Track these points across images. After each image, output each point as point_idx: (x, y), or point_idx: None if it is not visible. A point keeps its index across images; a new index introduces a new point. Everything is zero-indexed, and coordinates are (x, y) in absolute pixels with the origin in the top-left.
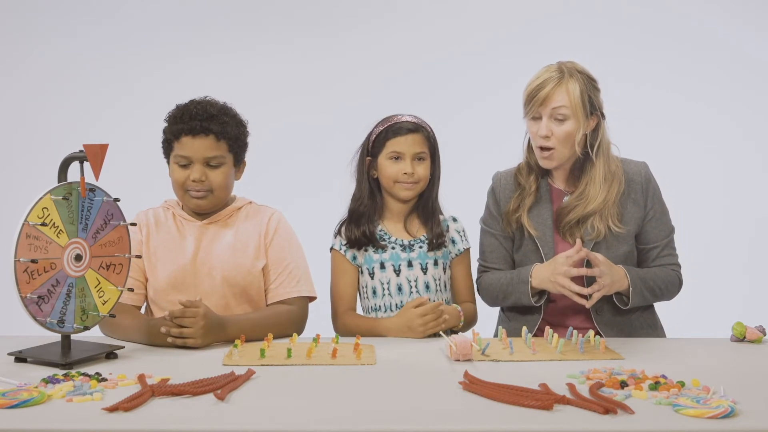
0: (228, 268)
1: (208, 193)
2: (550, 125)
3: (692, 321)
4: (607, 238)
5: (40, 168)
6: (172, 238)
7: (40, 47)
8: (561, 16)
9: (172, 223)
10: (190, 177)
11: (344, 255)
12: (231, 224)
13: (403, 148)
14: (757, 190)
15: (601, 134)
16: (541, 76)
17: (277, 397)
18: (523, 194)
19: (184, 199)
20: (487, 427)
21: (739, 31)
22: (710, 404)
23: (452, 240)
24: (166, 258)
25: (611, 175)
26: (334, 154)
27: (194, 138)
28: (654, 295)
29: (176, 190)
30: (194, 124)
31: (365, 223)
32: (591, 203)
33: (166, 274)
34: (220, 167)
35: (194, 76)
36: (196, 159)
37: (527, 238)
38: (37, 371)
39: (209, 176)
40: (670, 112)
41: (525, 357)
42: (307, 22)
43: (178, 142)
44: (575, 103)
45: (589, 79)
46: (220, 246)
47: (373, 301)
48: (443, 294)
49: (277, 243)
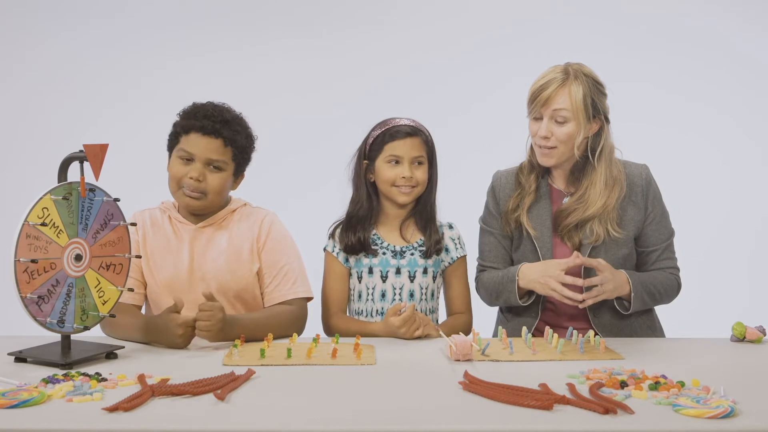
0: (222, 274)
1: (202, 195)
2: (550, 126)
3: (693, 321)
4: (606, 242)
5: (40, 168)
6: (169, 242)
7: (39, 47)
8: (559, 16)
9: (168, 225)
10: (189, 174)
11: (336, 257)
12: (225, 227)
13: (401, 152)
14: (758, 190)
15: (604, 139)
16: (546, 77)
17: (277, 397)
18: (522, 193)
19: (176, 195)
20: (487, 427)
21: (739, 31)
22: (710, 404)
23: (446, 248)
24: (163, 262)
25: (612, 179)
26: (330, 155)
27: (203, 137)
28: (653, 300)
29: (171, 185)
30: (206, 123)
31: (361, 230)
32: (591, 207)
33: (162, 277)
34: (220, 172)
35: (194, 75)
36: (198, 158)
37: (526, 238)
38: (37, 371)
39: (207, 178)
40: (670, 112)
41: (525, 357)
42: (306, 23)
43: (185, 137)
44: (577, 106)
45: (595, 83)
46: (215, 251)
47: (357, 305)
48: (428, 303)
49: (270, 245)
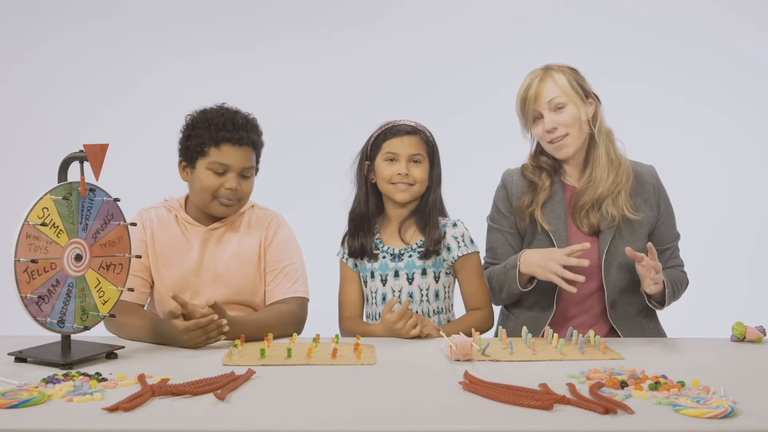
0: (232, 276)
1: (237, 202)
2: (552, 117)
3: (693, 321)
4: (624, 233)
5: (40, 168)
6: (178, 243)
7: (39, 47)
8: (559, 16)
9: (175, 225)
10: (225, 185)
11: (346, 263)
12: (235, 229)
13: (398, 149)
14: (758, 190)
15: (600, 119)
16: (526, 80)
17: (277, 397)
18: (536, 190)
19: (210, 206)
20: (487, 427)
21: (739, 31)
22: (710, 404)
23: (448, 247)
24: (172, 263)
25: (616, 159)
26: (330, 155)
27: (237, 148)
28: (674, 297)
29: (203, 196)
30: (241, 135)
31: (362, 236)
32: (600, 186)
33: (170, 278)
34: (251, 177)
35: (194, 76)
36: (234, 168)
37: (540, 233)
38: (37, 371)
39: (242, 186)
40: (670, 112)
41: (525, 357)
42: (305, 22)
43: (217, 149)
44: (566, 89)
45: (571, 70)
46: (225, 253)
47: (366, 309)
48: (431, 304)
49: (276, 245)
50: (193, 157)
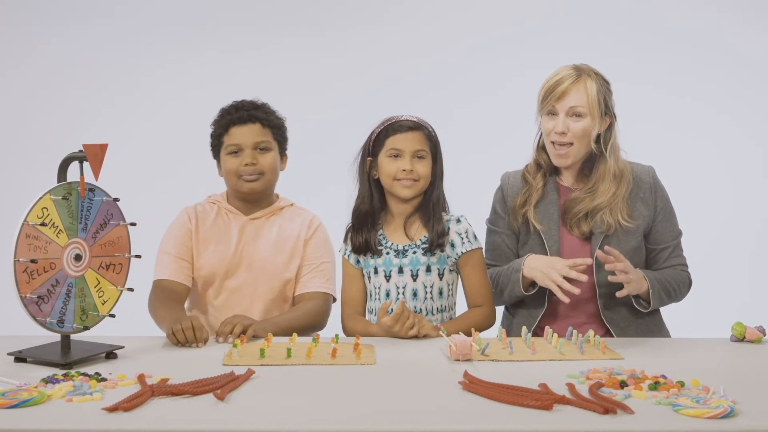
0: (268, 264)
1: (260, 176)
2: (567, 122)
3: (693, 321)
4: (618, 233)
5: (40, 168)
6: (218, 230)
7: (39, 47)
8: (560, 16)
9: (217, 215)
10: (242, 162)
11: (348, 259)
12: (274, 221)
13: (402, 145)
14: (758, 190)
15: (613, 135)
16: (559, 73)
17: (277, 397)
18: (530, 190)
19: (237, 186)
20: (487, 427)
21: (739, 31)
22: (710, 404)
23: (452, 243)
24: (211, 248)
25: (620, 173)
26: (330, 155)
27: (243, 126)
28: (669, 297)
29: (230, 179)
30: (241, 114)
31: (366, 231)
32: (599, 198)
33: (208, 262)
34: (269, 152)
35: (195, 76)
36: (246, 145)
37: (533, 233)
38: (37, 371)
39: (259, 159)
40: (670, 112)
41: (525, 357)
42: (306, 23)
43: (227, 135)
44: (592, 101)
45: (604, 81)
46: (264, 241)
47: (369, 304)
48: (435, 302)
49: (315, 242)
50: (217, 151)
